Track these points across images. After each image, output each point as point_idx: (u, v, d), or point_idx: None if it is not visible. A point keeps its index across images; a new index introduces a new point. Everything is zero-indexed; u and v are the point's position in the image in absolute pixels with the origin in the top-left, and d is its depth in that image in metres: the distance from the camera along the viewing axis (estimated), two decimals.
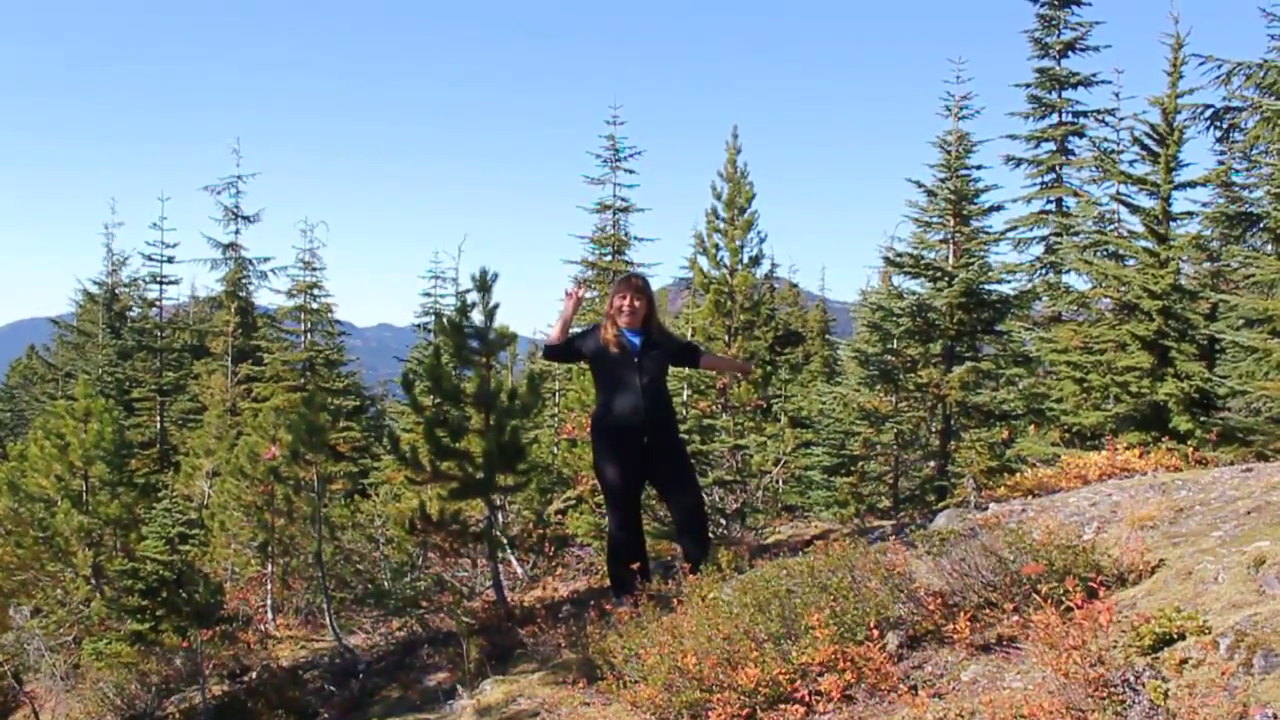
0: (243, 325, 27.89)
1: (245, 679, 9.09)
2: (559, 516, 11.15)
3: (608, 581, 7.62)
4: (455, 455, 8.05)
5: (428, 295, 31.51)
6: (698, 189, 16.45)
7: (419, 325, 30.51)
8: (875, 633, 4.45)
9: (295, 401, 18.12)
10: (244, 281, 30.14)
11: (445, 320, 8.17)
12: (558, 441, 13.12)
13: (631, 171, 24.91)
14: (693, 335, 10.87)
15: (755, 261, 12.77)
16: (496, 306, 8.07)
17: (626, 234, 24.07)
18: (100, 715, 8.81)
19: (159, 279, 29.16)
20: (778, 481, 12.31)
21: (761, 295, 14.12)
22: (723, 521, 10.19)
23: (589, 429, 7.19)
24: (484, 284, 8.09)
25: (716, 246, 11.58)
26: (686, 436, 10.01)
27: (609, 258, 23.40)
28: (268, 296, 49.02)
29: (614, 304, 6.89)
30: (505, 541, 9.44)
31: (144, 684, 9.04)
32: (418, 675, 7.47)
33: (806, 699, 4.35)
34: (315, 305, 24.97)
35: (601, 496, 8.11)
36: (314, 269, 24.94)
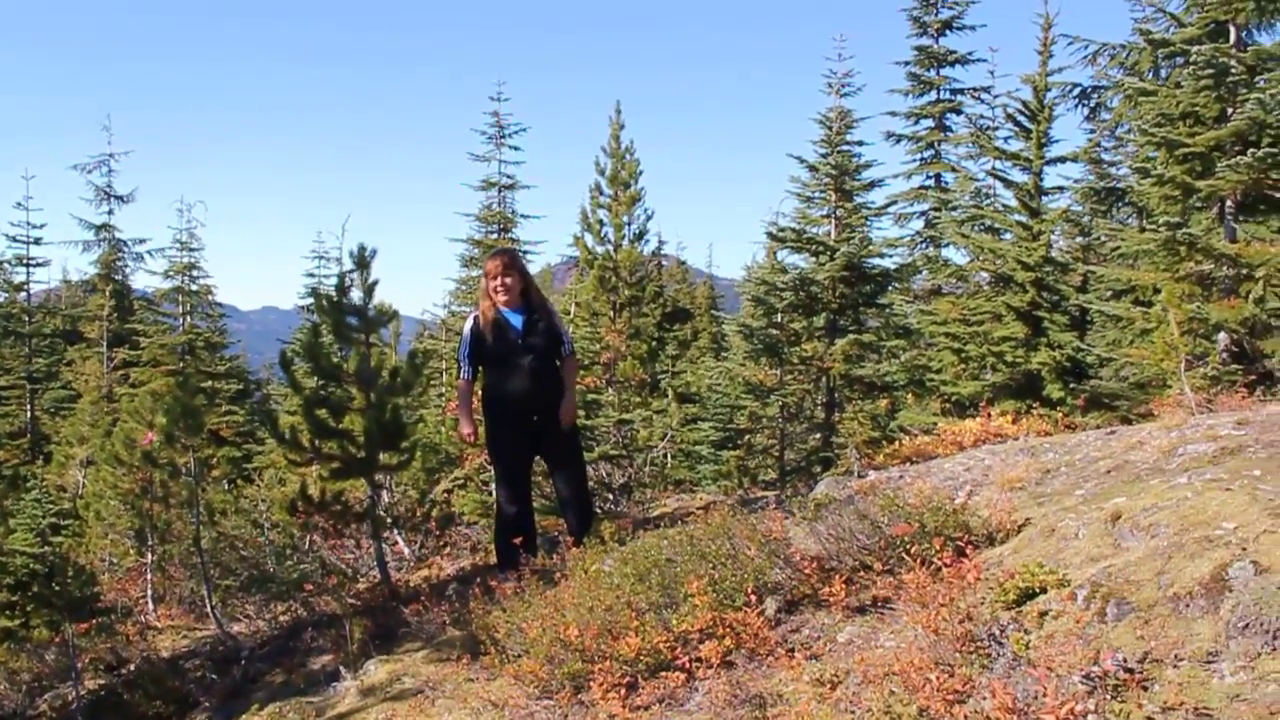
0: (118, 309, 27.03)
1: (123, 671, 8.83)
2: (446, 495, 11.07)
3: (494, 558, 7.60)
4: (336, 435, 7.93)
5: (311, 276, 30.96)
6: (586, 165, 16.37)
7: (303, 307, 29.95)
8: (754, 598, 4.52)
9: (173, 386, 17.64)
10: (118, 264, 29.21)
11: (323, 298, 8.02)
12: (443, 420, 13.00)
13: (517, 148, 24.80)
14: (577, 310, 10.88)
15: (640, 237, 12.83)
16: (375, 283, 7.94)
17: (513, 211, 23.91)
18: None
19: (25, 261, 28.08)
20: (665, 456, 12.40)
21: (648, 271, 14.18)
22: (609, 496, 10.23)
23: (486, 418, 7.15)
24: (362, 261, 7.95)
25: (601, 223, 11.60)
26: None
27: (495, 235, 23.21)
28: (144, 279, 47.52)
29: (488, 283, 6.94)
30: (390, 521, 9.33)
31: (13, 683, 8.73)
32: (302, 659, 7.36)
33: (687, 666, 4.41)
34: (194, 287, 24.32)
35: (489, 473, 8.09)
36: (191, 249, 24.29)
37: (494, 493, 7.09)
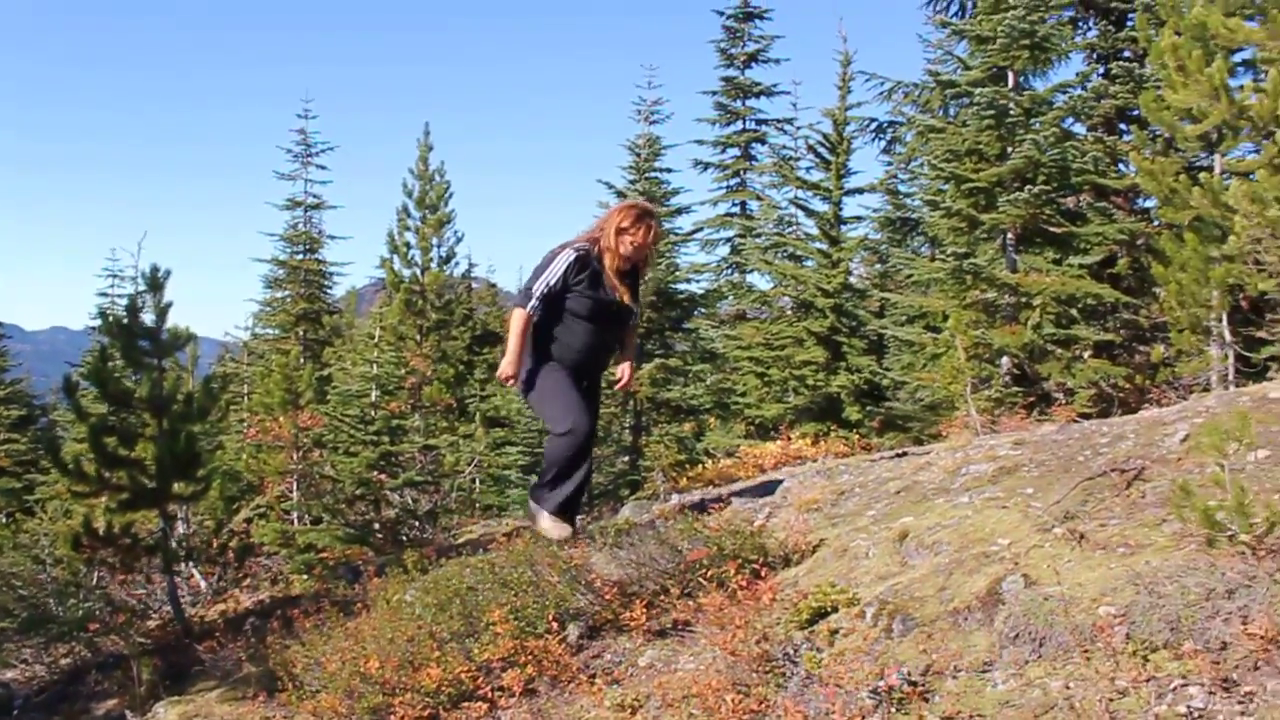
0: None
1: None
2: (245, 525, 10.68)
3: (295, 590, 7.37)
4: (126, 464, 7.58)
5: (104, 295, 29.40)
6: (396, 186, 16.13)
7: (95, 327, 28.42)
8: (555, 625, 4.52)
9: None
10: None
11: (112, 320, 7.67)
12: (244, 446, 12.54)
13: (324, 168, 24.19)
14: (382, 335, 10.69)
15: (449, 260, 12.72)
16: (169, 305, 7.67)
17: (319, 232, 23.30)
18: None
19: None
20: (473, 481, 12.28)
21: (458, 294, 14.08)
22: (415, 523, 10.07)
23: (534, 364, 5.80)
24: (156, 282, 7.67)
25: (408, 245, 11.46)
26: (376, 438, 9.85)
27: (300, 256, 22.57)
28: None
29: (622, 235, 5.74)
30: (184, 554, 8.95)
31: None
32: (84, 704, 6.97)
33: (489, 695, 4.37)
34: None
35: (290, 501, 7.65)
36: None
37: (550, 441, 5.62)
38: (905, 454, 6.89)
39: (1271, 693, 2.85)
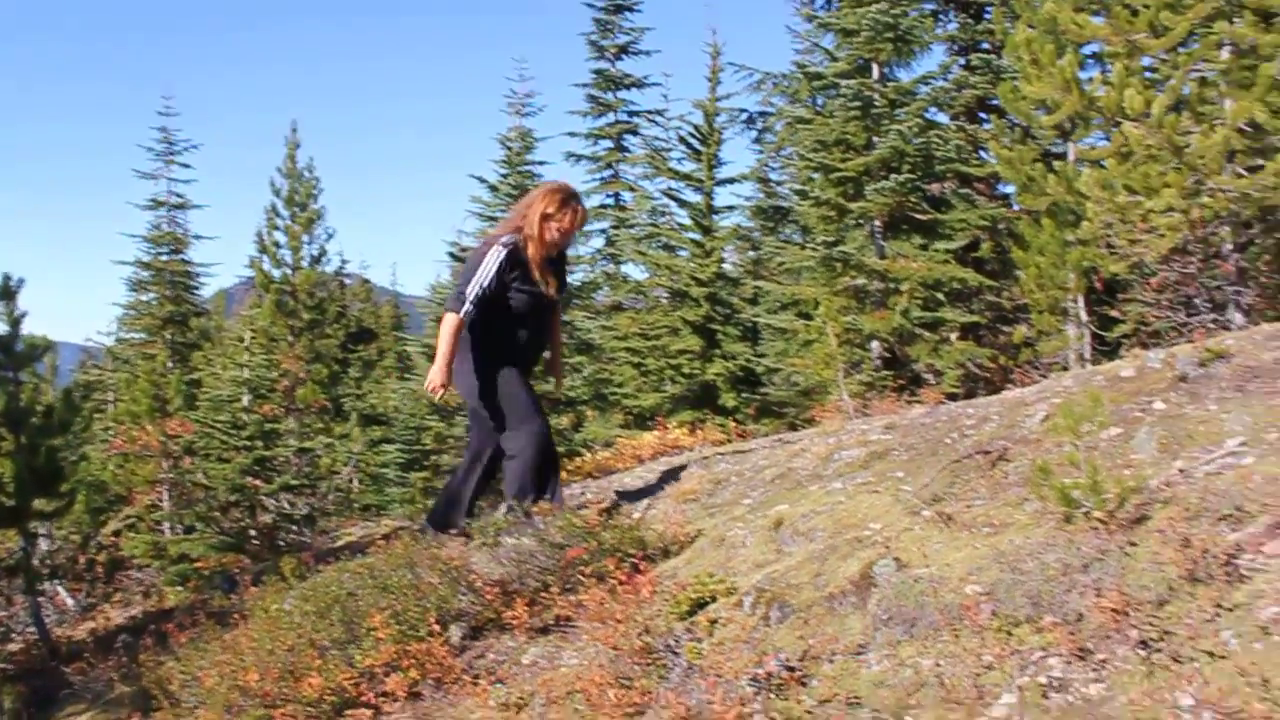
0: None
1: None
2: (114, 538, 10.33)
3: (169, 603, 7.16)
4: None
5: None
6: (265, 185, 15.78)
7: None
8: (437, 627, 4.48)
9: None
10: None
11: None
12: (110, 456, 12.13)
13: (188, 166, 23.42)
14: (253, 338, 10.43)
15: (320, 258, 12.48)
16: (24, 315, 7.38)
17: (185, 232, 22.56)
18: None
19: None
20: (351, 482, 12.09)
21: (330, 292, 13.82)
22: (292, 528, 9.88)
23: (476, 363, 5.56)
24: (8, 291, 7.39)
25: (277, 244, 11.20)
26: (249, 443, 9.63)
27: (165, 257, 21.83)
28: None
29: (552, 224, 5.55)
30: (48, 572, 8.62)
31: None
32: None
33: (373, 702, 4.31)
34: None
35: (162, 510, 7.44)
36: None
37: (525, 429, 5.37)
38: (780, 440, 7.01)
39: (1122, 658, 2.99)
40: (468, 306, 5.39)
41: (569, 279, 6.08)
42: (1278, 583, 2.97)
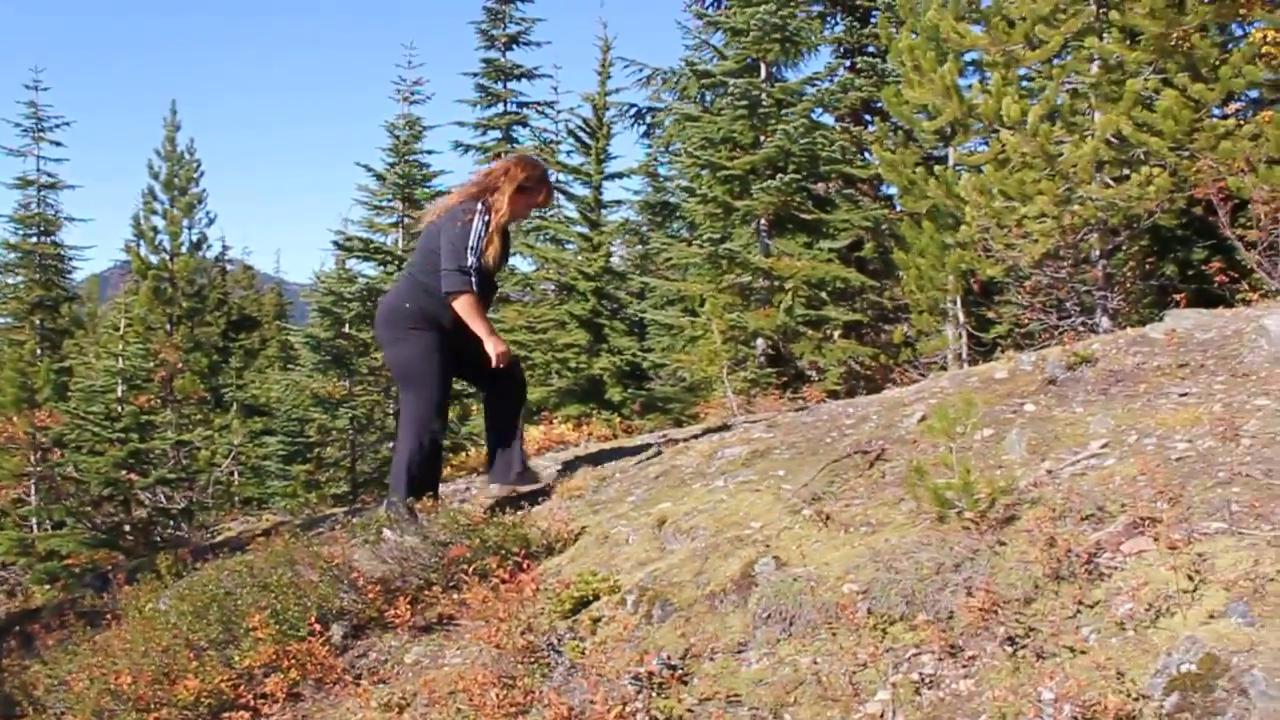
0: None
1: None
2: None
3: (36, 602, 6.91)
4: None
5: None
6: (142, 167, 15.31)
7: None
8: (318, 626, 4.40)
9: None
10: None
11: None
12: None
13: (59, 144, 22.56)
14: (128, 326, 10.11)
15: (201, 244, 12.16)
16: None
17: (56, 213, 21.74)
18: None
19: None
20: (231, 475, 11.81)
21: (211, 279, 13.48)
22: (169, 523, 9.61)
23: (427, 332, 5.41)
24: None
25: (155, 230, 10.87)
26: (124, 435, 9.33)
27: (35, 239, 21.03)
28: None
29: (525, 197, 5.43)
30: None
31: None
32: None
33: (252, 704, 4.22)
34: None
35: (29, 506, 7.20)
36: None
37: (420, 423, 5.31)
38: (666, 435, 7.07)
39: (990, 654, 3.10)
40: (474, 278, 5.24)
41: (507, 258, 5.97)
42: (1134, 580, 3.11)
